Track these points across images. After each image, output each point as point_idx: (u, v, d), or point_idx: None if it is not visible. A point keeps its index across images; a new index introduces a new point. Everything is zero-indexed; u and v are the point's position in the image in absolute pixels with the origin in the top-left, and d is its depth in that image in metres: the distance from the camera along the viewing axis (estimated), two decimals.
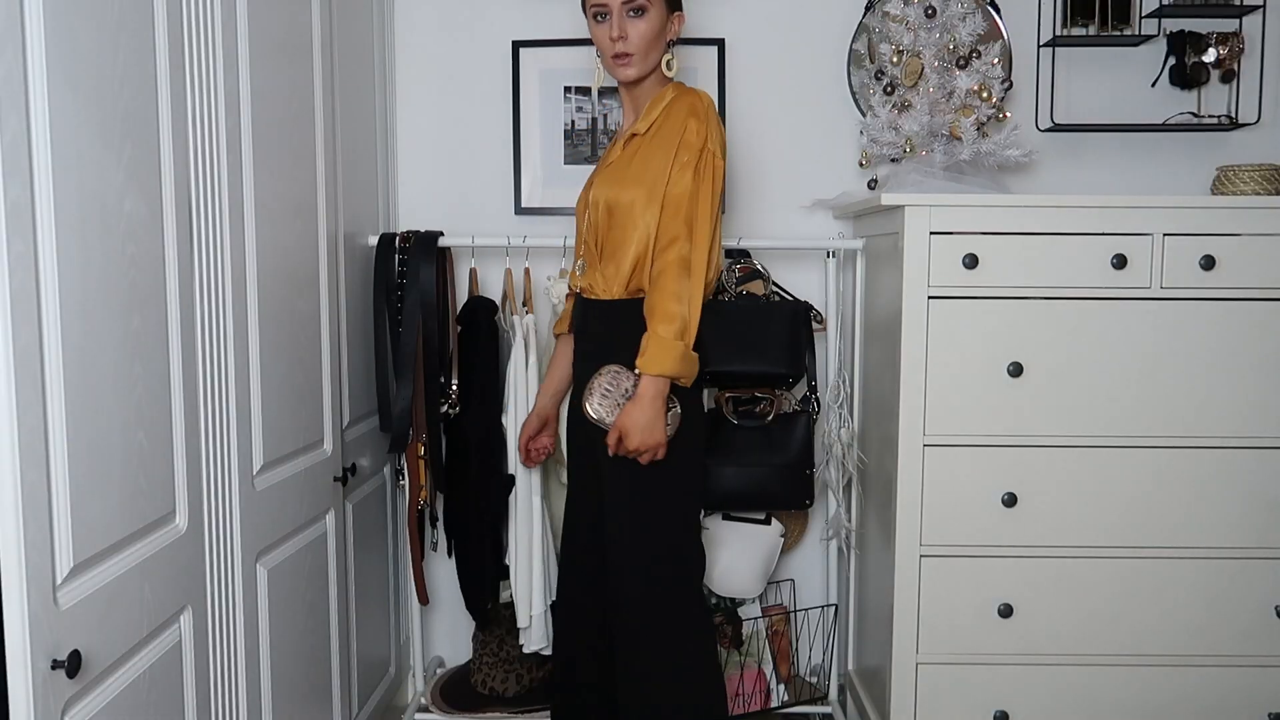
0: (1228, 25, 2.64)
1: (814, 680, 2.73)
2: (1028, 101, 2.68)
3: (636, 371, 1.93)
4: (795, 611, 2.73)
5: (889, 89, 2.41)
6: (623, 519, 2.03)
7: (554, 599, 2.38)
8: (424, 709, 2.62)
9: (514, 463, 2.44)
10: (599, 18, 2.01)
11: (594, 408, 1.97)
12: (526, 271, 2.58)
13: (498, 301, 2.57)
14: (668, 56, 2.05)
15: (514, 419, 2.42)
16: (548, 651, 2.48)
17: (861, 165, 2.57)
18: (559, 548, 2.33)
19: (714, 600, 2.62)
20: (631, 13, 1.98)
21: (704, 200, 1.96)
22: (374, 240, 2.47)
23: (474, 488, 2.47)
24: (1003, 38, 2.62)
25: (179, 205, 1.51)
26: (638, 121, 2.06)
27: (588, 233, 2.11)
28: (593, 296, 2.09)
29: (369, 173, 2.53)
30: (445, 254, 2.50)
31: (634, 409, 1.92)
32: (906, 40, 2.38)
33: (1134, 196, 2.25)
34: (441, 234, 2.46)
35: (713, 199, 1.97)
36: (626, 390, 1.97)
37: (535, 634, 2.46)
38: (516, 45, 2.72)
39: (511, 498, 2.45)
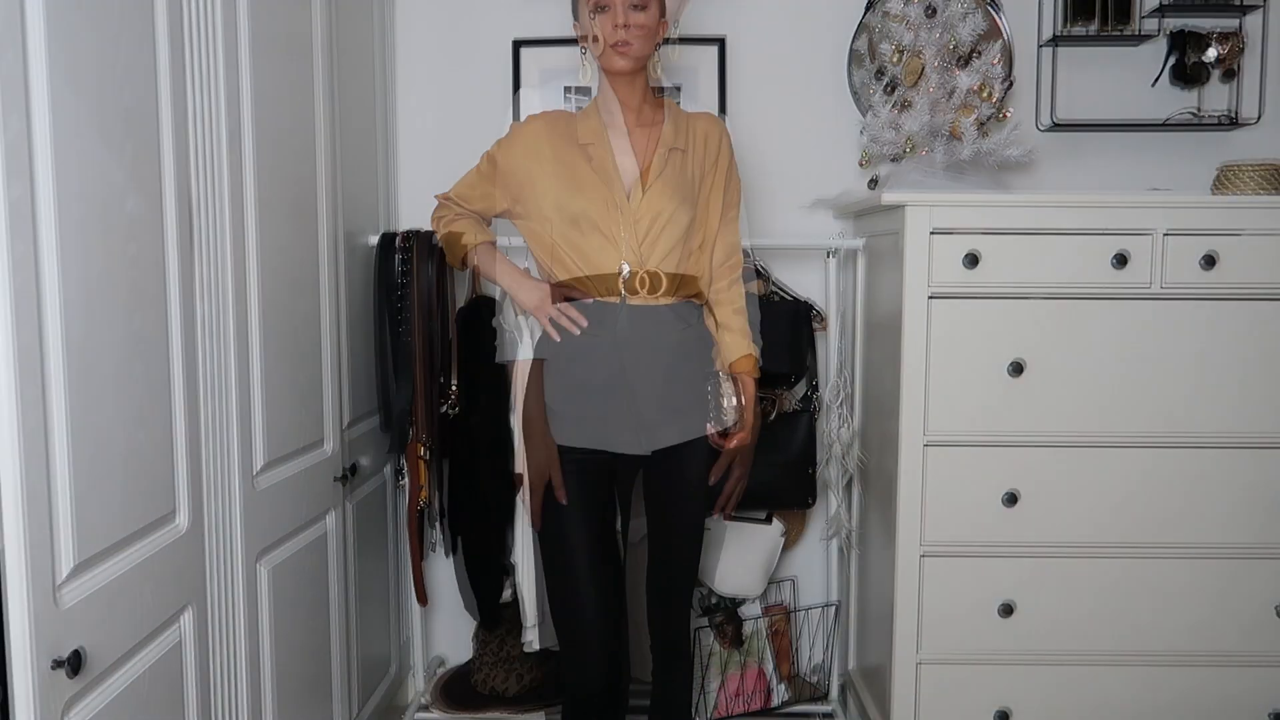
0: (1228, 24, 2.64)
1: (815, 679, 2.73)
2: (1028, 100, 2.68)
3: (725, 375, 2.08)
4: (796, 611, 2.73)
5: (889, 88, 2.41)
6: (693, 521, 2.11)
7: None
8: (425, 708, 2.62)
9: (522, 461, 2.43)
10: (600, 9, 2.03)
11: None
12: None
13: (499, 300, 2.57)
14: (655, 58, 2.10)
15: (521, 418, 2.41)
16: (555, 649, 2.47)
17: (862, 164, 2.57)
18: (561, 549, 2.29)
19: (715, 600, 2.62)
20: (634, 7, 2.02)
21: None
22: (374, 240, 2.47)
23: (484, 489, 2.46)
24: (1003, 36, 2.62)
25: (180, 205, 1.51)
26: (675, 136, 2.06)
27: (627, 232, 2.01)
28: (645, 302, 2.01)
29: (369, 173, 2.53)
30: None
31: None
32: (907, 39, 2.38)
33: (1135, 195, 2.25)
34: None
35: None
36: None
37: (545, 631, 2.45)
38: (516, 45, 2.72)
39: (520, 495, 2.45)
